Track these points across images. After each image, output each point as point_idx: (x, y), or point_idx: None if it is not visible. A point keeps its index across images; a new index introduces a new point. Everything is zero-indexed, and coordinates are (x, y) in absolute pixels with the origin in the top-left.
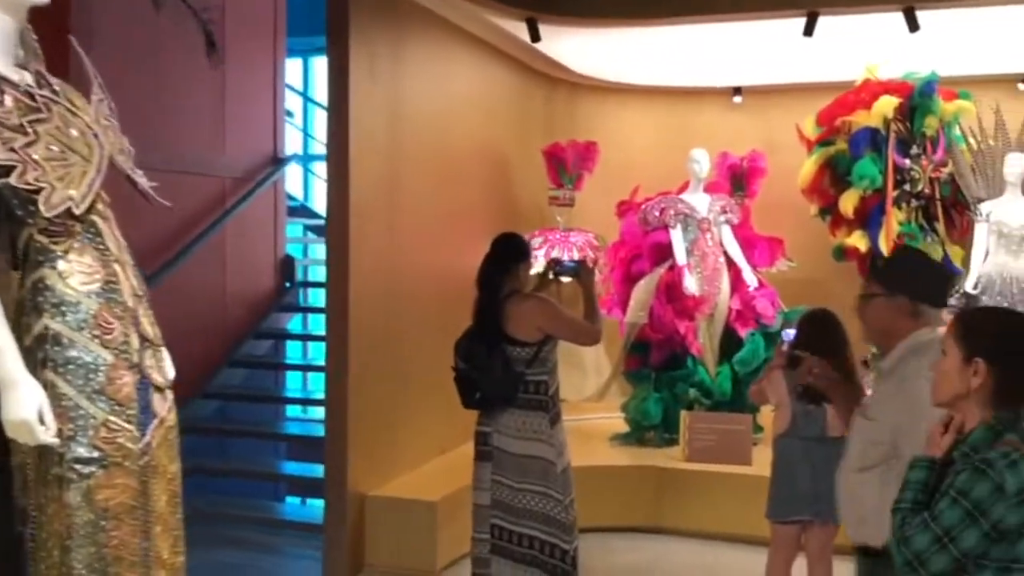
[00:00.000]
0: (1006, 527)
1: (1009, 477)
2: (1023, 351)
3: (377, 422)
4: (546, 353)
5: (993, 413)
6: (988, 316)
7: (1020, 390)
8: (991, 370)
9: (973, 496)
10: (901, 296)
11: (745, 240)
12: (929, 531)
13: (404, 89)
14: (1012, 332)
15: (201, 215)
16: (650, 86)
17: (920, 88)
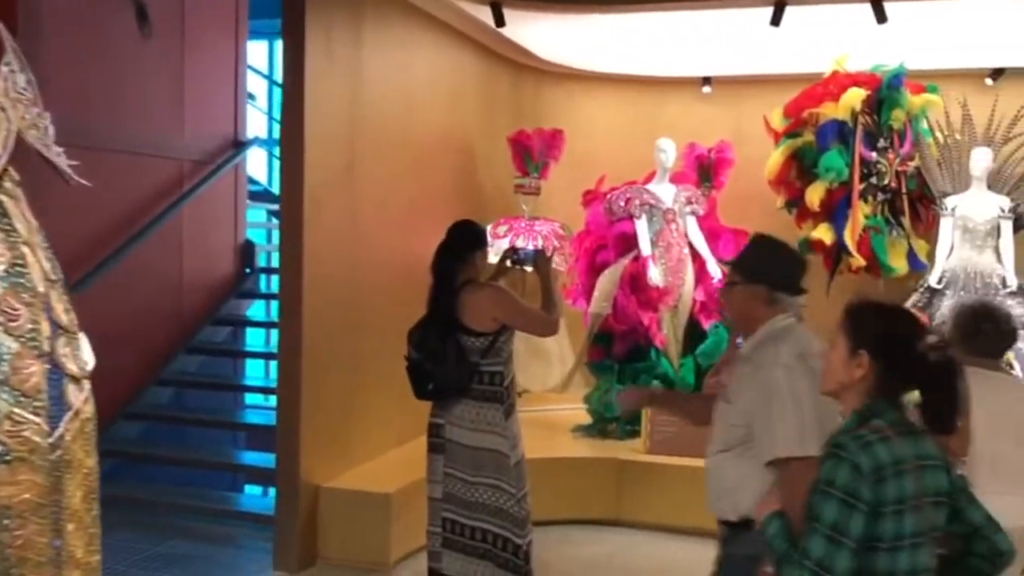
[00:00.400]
0: (879, 506)
1: (863, 457)
2: (905, 347)
3: (332, 412)
4: (501, 343)
5: (866, 402)
6: (875, 311)
7: (898, 384)
8: (874, 363)
9: (839, 483)
10: (758, 284)
11: (710, 231)
12: (819, 534)
13: (364, 72)
14: (897, 328)
15: (158, 198)
16: (618, 74)
17: (888, 81)
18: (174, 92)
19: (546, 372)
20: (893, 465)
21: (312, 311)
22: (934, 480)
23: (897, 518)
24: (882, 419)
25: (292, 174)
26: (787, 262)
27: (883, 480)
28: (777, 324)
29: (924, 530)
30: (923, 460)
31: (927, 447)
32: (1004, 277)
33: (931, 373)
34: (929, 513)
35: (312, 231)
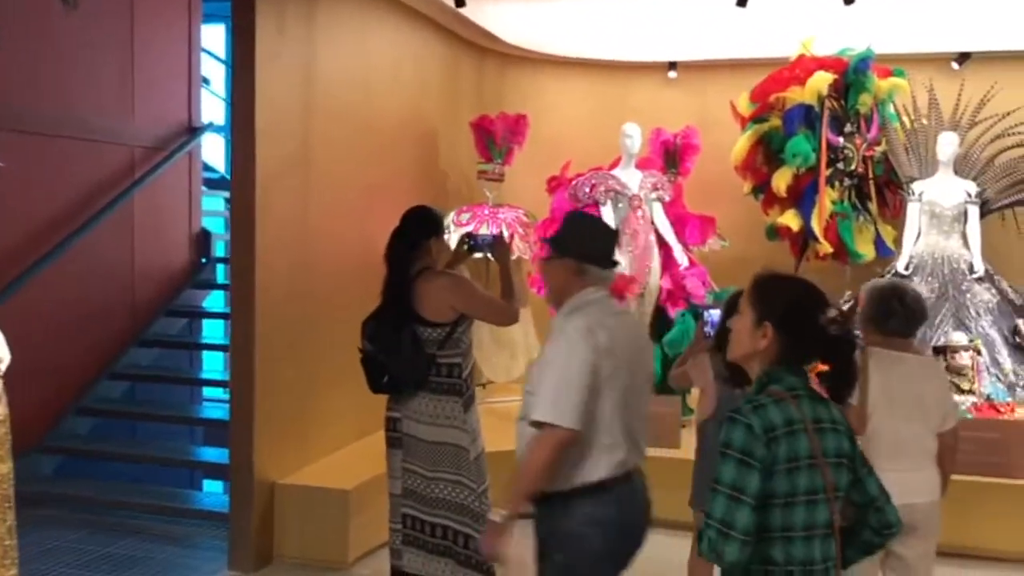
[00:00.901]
0: (773, 464)
1: (755, 419)
2: (808, 319)
3: (287, 405)
4: (460, 334)
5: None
6: (781, 283)
7: (799, 354)
8: (777, 334)
9: (736, 444)
10: (567, 257)
11: (676, 218)
12: (720, 494)
13: (319, 54)
14: (800, 301)
15: (108, 185)
16: (584, 59)
17: (854, 65)
18: (123, 76)
19: (511, 362)
20: (785, 425)
21: (265, 301)
22: (835, 442)
23: (790, 475)
24: (780, 384)
25: (242, 160)
26: (596, 236)
27: (775, 440)
28: (586, 297)
29: (820, 488)
30: (822, 423)
31: (829, 411)
32: (971, 263)
33: (831, 346)
34: (829, 473)
35: (264, 220)
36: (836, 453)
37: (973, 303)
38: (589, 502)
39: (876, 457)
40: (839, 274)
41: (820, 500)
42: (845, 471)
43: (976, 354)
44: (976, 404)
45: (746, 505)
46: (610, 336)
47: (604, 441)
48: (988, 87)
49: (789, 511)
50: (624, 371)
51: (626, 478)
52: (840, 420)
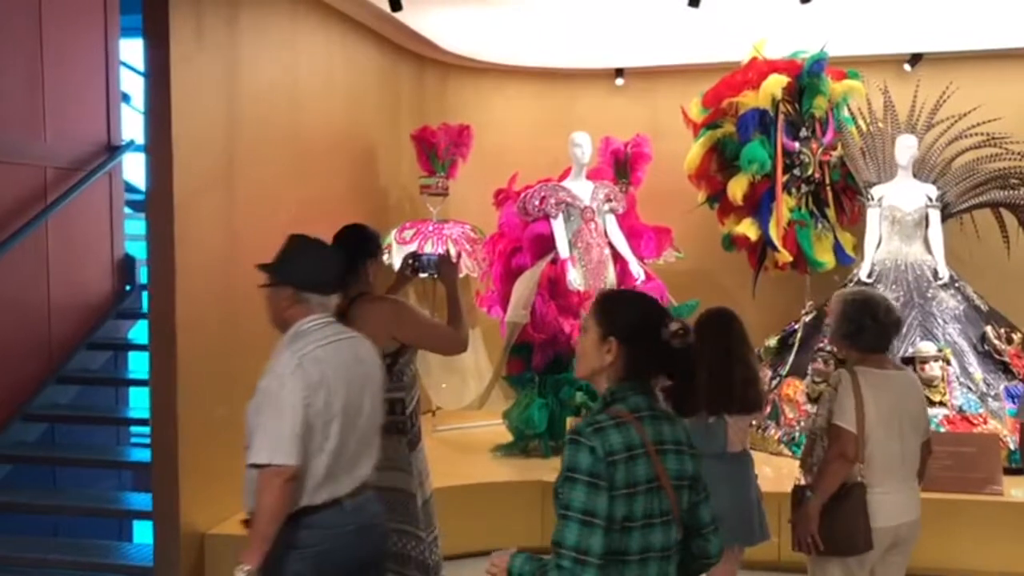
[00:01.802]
0: (612, 488)
1: (597, 441)
2: (650, 333)
3: (216, 445)
4: (402, 366)
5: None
6: (624, 299)
7: (644, 369)
8: (622, 349)
9: (583, 467)
10: (286, 285)
11: (630, 230)
12: (572, 520)
13: (242, 62)
14: (643, 315)
15: (15, 210)
16: (528, 67)
17: (808, 67)
18: (31, 91)
19: (461, 388)
20: (625, 451)
21: (188, 331)
22: (678, 464)
23: (628, 500)
24: (624, 404)
25: (159, 179)
26: (317, 262)
27: (614, 464)
28: (303, 326)
29: (658, 512)
30: (665, 444)
31: (673, 431)
32: (935, 268)
33: (675, 359)
34: (671, 495)
35: (185, 242)
36: (678, 475)
37: (940, 310)
38: (292, 529)
39: (874, 479)
40: (799, 283)
41: (657, 524)
42: (686, 492)
43: (946, 364)
44: (948, 416)
45: (599, 528)
46: (322, 368)
47: (316, 471)
48: (943, 88)
49: (626, 536)
50: (340, 399)
51: (333, 504)
52: (684, 440)
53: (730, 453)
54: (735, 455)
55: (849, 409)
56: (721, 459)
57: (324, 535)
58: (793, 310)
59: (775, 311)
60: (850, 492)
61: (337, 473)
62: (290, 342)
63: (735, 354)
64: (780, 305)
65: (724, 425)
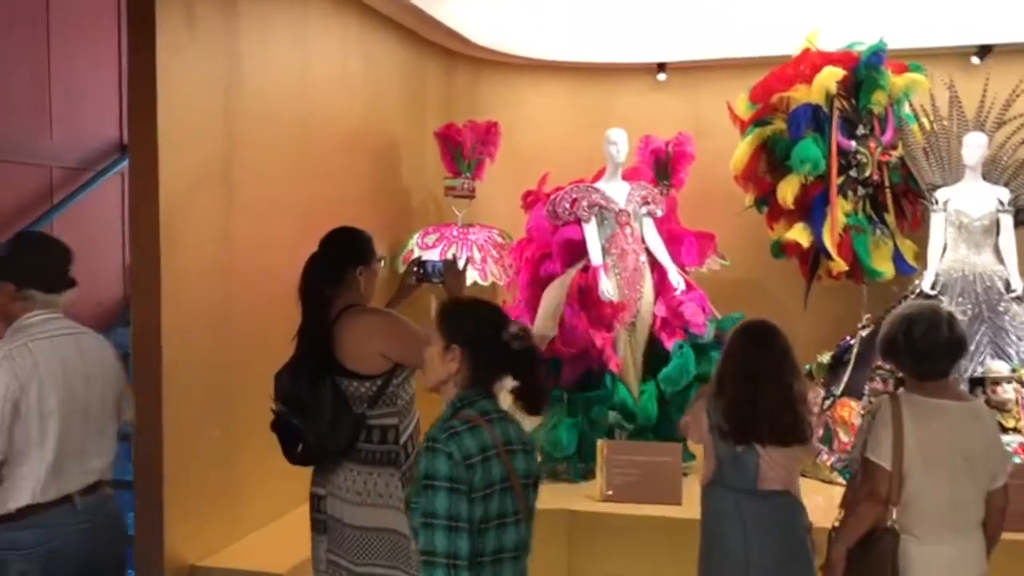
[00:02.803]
0: (470, 491)
1: (453, 446)
2: (493, 339)
3: (209, 467)
4: (396, 387)
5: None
6: (464, 306)
7: (488, 374)
8: (465, 356)
9: (442, 473)
10: (6, 282)
11: (670, 235)
12: (438, 528)
13: (242, 53)
14: (482, 320)
15: (18, 213)
16: (563, 62)
17: (866, 59)
18: (36, 87)
19: None
20: (480, 453)
21: (175, 345)
22: (525, 463)
23: (484, 502)
24: (473, 408)
25: (142, 179)
26: (40, 258)
27: (472, 467)
28: (21, 323)
29: (510, 511)
30: (512, 445)
31: (519, 433)
32: (1007, 279)
33: (516, 360)
34: (521, 495)
35: (172, 247)
36: (525, 474)
37: (1013, 325)
38: (8, 528)
39: (914, 528)
40: (854, 294)
41: (510, 523)
42: (531, 491)
43: (1020, 385)
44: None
45: (464, 531)
46: (34, 361)
47: (31, 466)
48: (1015, 82)
49: (481, 537)
50: (58, 394)
51: (62, 502)
52: (528, 441)
53: (763, 491)
54: (771, 494)
55: (885, 442)
56: (752, 496)
57: (51, 534)
58: (848, 323)
59: (828, 324)
60: (879, 539)
61: (63, 469)
62: (7, 338)
63: (767, 373)
64: (834, 318)
65: (755, 457)
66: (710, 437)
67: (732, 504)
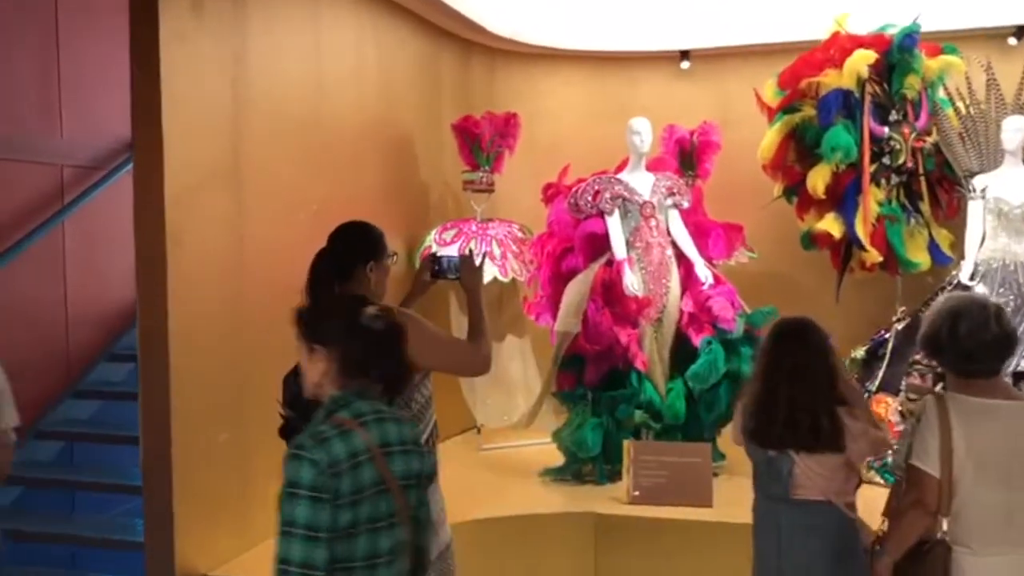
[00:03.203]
0: (337, 498)
1: (320, 453)
2: (351, 329)
3: (220, 473)
4: (409, 390)
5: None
6: (317, 305)
7: (357, 366)
8: (329, 351)
9: (305, 483)
10: None
11: (697, 227)
12: (293, 536)
13: (251, 40)
14: (334, 310)
15: (28, 213)
16: (583, 51)
17: (899, 42)
18: (45, 84)
19: (508, 404)
20: (349, 459)
21: (184, 348)
22: (404, 464)
23: (354, 507)
24: (347, 410)
25: (146, 174)
26: None
27: (339, 474)
28: None
29: (384, 515)
30: (391, 446)
31: (399, 432)
32: None
33: (377, 342)
34: (400, 497)
35: (179, 246)
36: (405, 475)
37: None
38: None
39: (968, 539)
40: (889, 286)
41: (384, 527)
42: (415, 491)
43: None
44: None
45: (323, 542)
46: None
47: None
48: None
49: (351, 542)
50: None
51: None
52: (409, 439)
53: (798, 499)
54: (808, 504)
55: (932, 447)
56: (786, 504)
57: None
58: (882, 316)
59: (862, 318)
60: (929, 552)
61: None
62: None
63: (797, 372)
64: (867, 311)
65: (789, 463)
66: (743, 439)
67: (767, 511)
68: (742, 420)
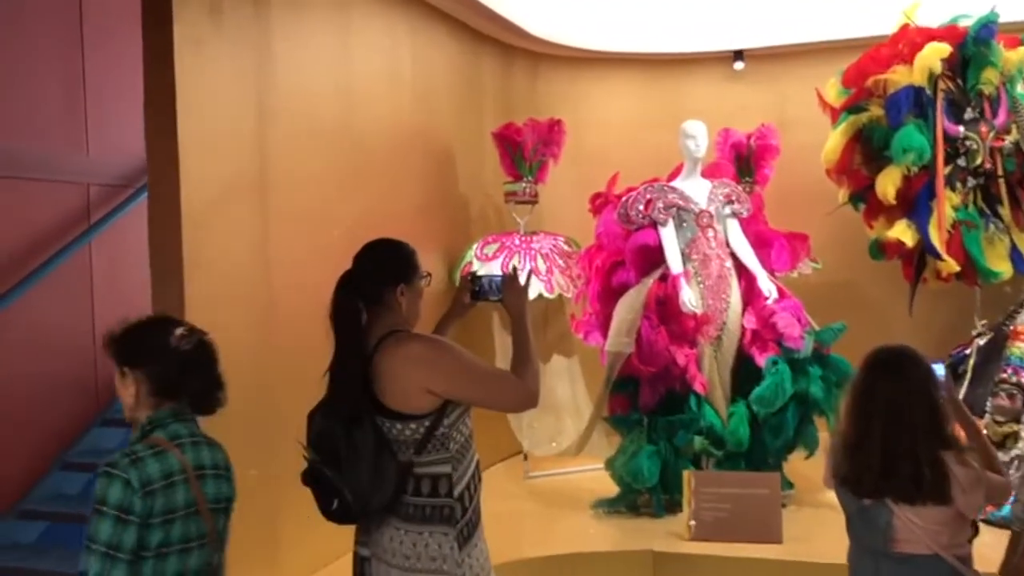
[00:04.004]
0: (148, 517)
1: (133, 472)
2: (160, 350)
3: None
4: (447, 429)
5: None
6: (124, 330)
7: (169, 385)
8: (138, 374)
9: (112, 501)
10: None
11: (758, 238)
12: (95, 553)
13: (275, 46)
14: (145, 336)
15: (55, 231)
16: (630, 53)
17: (975, 33)
18: (70, 101)
19: (556, 429)
20: (163, 478)
21: None
22: (216, 488)
23: (165, 527)
24: (164, 431)
25: (161, 190)
26: None
27: (152, 494)
28: None
29: (195, 536)
30: (204, 469)
31: (213, 456)
32: None
33: (186, 362)
34: (210, 520)
35: (197, 266)
36: (215, 499)
37: None
38: None
39: None
40: (967, 298)
41: (195, 547)
42: (223, 516)
43: None
44: None
45: (122, 562)
46: None
47: None
48: None
49: (162, 561)
50: None
51: None
52: (222, 464)
53: (900, 554)
54: (912, 559)
55: None
56: (887, 559)
57: None
58: (961, 331)
59: (938, 333)
60: None
61: None
62: None
63: (891, 411)
64: (944, 325)
65: (887, 514)
66: (834, 484)
67: (864, 564)
68: (832, 463)
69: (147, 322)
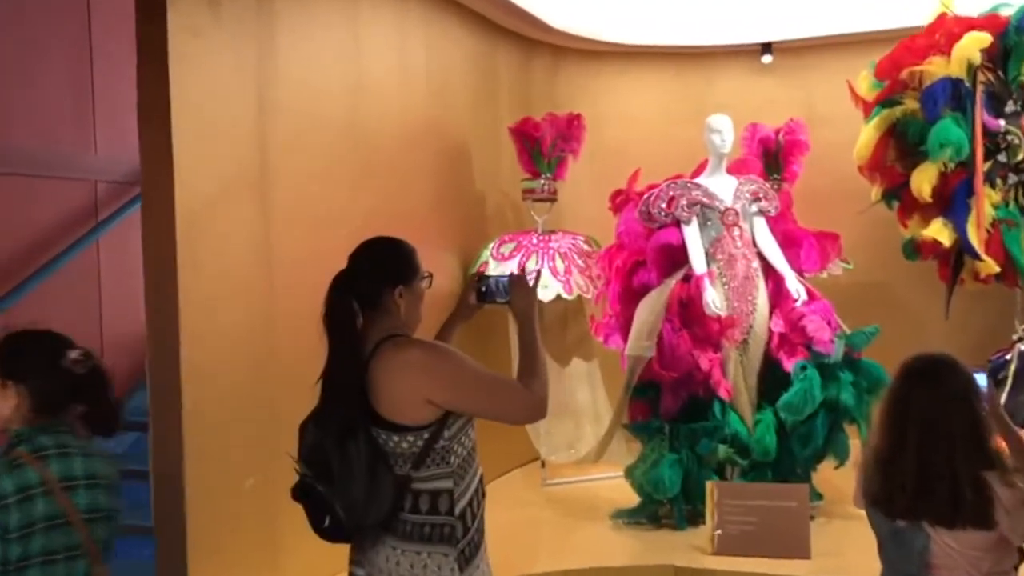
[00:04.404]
0: (5, 532)
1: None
2: (48, 369)
3: (241, 525)
4: (448, 442)
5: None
6: (15, 339)
7: (51, 406)
8: (23, 389)
9: None
10: None
11: (786, 237)
12: None
13: (278, 38)
14: (35, 353)
15: (62, 229)
16: (653, 46)
17: (1017, 22)
18: (78, 97)
19: (575, 436)
20: (18, 492)
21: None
22: (90, 498)
23: (24, 541)
24: (28, 445)
25: (154, 186)
26: None
27: (6, 508)
28: None
29: (61, 548)
30: (75, 480)
31: (88, 466)
32: None
33: (81, 386)
34: (79, 529)
35: (193, 268)
36: (90, 508)
37: None
38: None
39: None
40: (1007, 300)
41: (60, 560)
42: (102, 525)
43: None
44: None
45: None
46: None
47: None
48: None
49: (21, 575)
50: None
51: None
52: (99, 475)
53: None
54: None
55: None
56: None
57: None
58: (1001, 335)
59: (976, 336)
60: None
61: None
62: None
63: (928, 425)
64: (983, 329)
65: (923, 538)
66: (864, 504)
67: None
68: (863, 481)
69: (36, 335)
